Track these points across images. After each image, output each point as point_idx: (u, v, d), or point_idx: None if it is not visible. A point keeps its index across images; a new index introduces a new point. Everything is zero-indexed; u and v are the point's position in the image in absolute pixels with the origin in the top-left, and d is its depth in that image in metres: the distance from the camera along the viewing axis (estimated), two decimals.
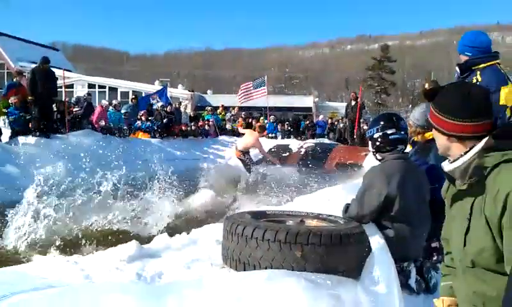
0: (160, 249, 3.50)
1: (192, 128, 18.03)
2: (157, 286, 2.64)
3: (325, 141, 18.63)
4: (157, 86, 27.75)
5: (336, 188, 5.44)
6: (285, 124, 22.58)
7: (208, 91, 37.17)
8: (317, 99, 36.66)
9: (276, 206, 5.82)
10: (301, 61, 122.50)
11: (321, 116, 24.52)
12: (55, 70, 12.53)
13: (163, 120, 16.53)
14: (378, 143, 3.08)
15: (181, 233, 4.08)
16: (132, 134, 15.30)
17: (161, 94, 18.71)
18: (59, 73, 13.63)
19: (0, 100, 11.93)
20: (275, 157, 12.63)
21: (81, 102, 14.43)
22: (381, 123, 3.08)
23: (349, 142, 17.53)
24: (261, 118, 21.86)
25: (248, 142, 10.55)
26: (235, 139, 18.06)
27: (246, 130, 11.79)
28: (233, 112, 22.43)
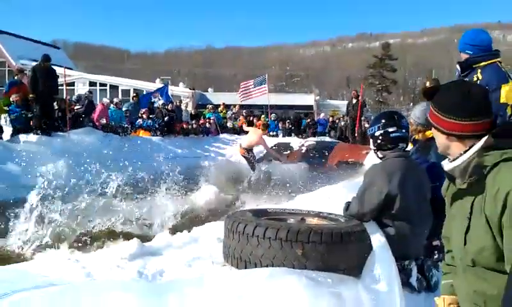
0: (162, 247, 3.50)
1: (193, 126, 18.05)
2: (158, 284, 2.64)
3: (326, 139, 18.64)
4: (158, 84, 27.73)
5: (337, 186, 5.44)
6: (286, 122, 22.60)
7: (210, 89, 37.21)
8: (318, 97, 36.69)
9: (277, 204, 5.81)
10: (301, 59, 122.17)
11: (322, 114, 24.51)
12: (56, 67, 12.53)
13: (164, 118, 16.55)
14: (379, 141, 3.09)
15: (182, 231, 4.09)
16: (133, 132, 15.30)
17: (162, 92, 18.71)
18: (60, 71, 13.61)
19: (2, 98, 11.95)
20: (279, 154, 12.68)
21: (82, 99, 14.44)
22: (382, 121, 3.09)
23: (350, 141, 17.49)
24: (262, 116, 21.86)
25: (253, 140, 10.64)
26: (236, 137, 18.07)
27: (250, 128, 11.85)
28: (234, 110, 22.44)
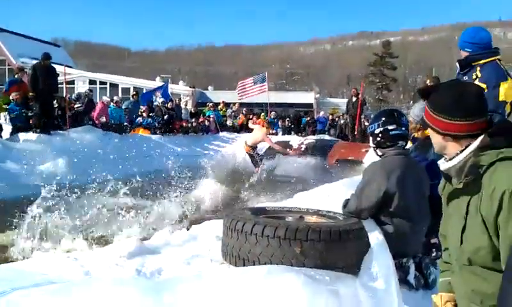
0: (160, 245, 3.49)
1: (193, 124, 18.06)
2: (156, 282, 2.64)
3: (326, 137, 18.62)
4: (158, 82, 27.73)
5: (336, 184, 5.43)
6: (285, 120, 22.60)
7: (209, 88, 37.20)
8: (318, 95, 36.69)
9: (276, 202, 5.80)
10: (302, 58, 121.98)
11: (322, 112, 24.52)
12: (56, 66, 12.55)
13: (164, 116, 16.56)
14: (379, 139, 3.10)
15: (181, 229, 4.09)
16: (133, 130, 15.31)
17: (163, 91, 18.71)
18: (60, 69, 13.62)
19: (2, 96, 11.96)
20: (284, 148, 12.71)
21: (82, 98, 14.45)
22: (382, 118, 3.10)
23: (349, 139, 17.48)
24: (262, 114, 21.85)
25: (258, 138, 10.76)
26: (236, 135, 18.07)
27: (255, 126, 11.96)
28: (234, 109, 22.43)
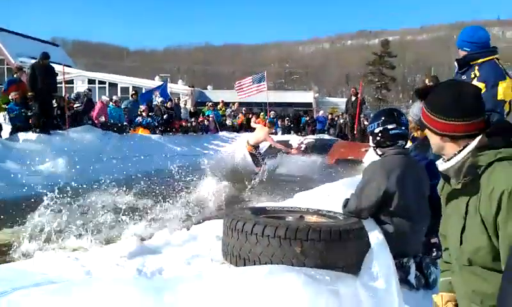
0: (161, 245, 3.50)
1: (192, 124, 18.04)
2: (157, 282, 2.64)
3: (325, 136, 18.64)
4: (157, 81, 27.71)
5: (336, 183, 5.44)
6: (285, 120, 22.60)
7: (209, 87, 37.15)
8: (317, 94, 36.70)
9: (277, 202, 5.80)
10: (301, 57, 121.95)
11: (321, 112, 24.50)
12: (55, 65, 12.52)
13: (163, 116, 16.54)
14: (379, 138, 3.10)
15: (181, 229, 4.09)
16: (133, 130, 15.29)
17: (162, 90, 18.68)
18: (59, 68, 13.60)
19: (1, 96, 11.93)
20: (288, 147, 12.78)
21: (81, 97, 14.40)
22: (382, 118, 3.10)
23: (349, 138, 17.50)
24: (261, 113, 21.84)
25: (260, 137, 10.75)
26: (235, 134, 18.05)
27: (257, 125, 11.92)
28: (234, 108, 22.41)
